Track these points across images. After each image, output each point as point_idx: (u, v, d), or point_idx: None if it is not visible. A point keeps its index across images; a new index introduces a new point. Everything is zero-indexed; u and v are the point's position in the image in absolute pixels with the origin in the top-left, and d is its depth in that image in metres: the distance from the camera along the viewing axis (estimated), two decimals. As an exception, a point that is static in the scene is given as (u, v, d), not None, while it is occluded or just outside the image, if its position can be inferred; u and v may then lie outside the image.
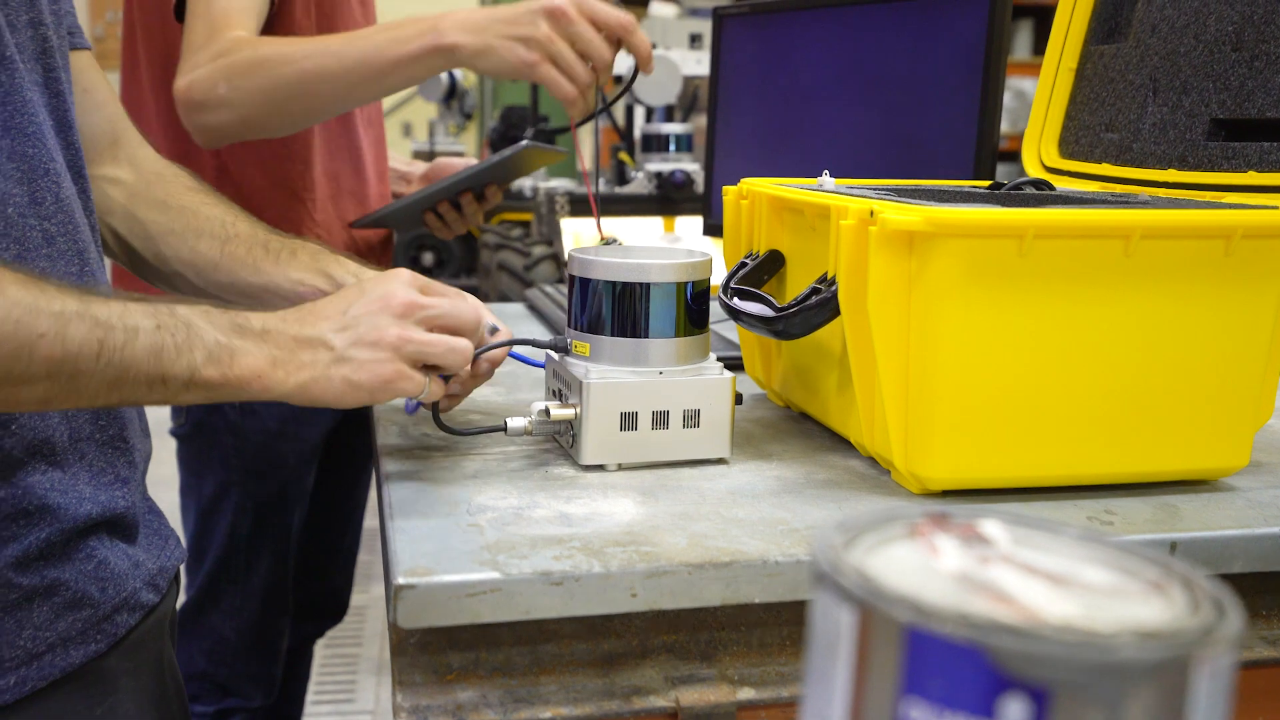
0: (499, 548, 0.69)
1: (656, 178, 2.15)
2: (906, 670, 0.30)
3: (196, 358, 0.69)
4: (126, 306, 0.67)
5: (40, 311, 0.63)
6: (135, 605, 0.80)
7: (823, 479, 0.83)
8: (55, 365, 0.64)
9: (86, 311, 0.65)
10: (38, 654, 0.73)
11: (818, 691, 0.34)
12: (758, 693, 0.71)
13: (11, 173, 0.73)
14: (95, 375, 0.65)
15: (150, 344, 0.67)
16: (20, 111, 0.74)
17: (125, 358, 0.66)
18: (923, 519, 0.37)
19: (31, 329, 0.62)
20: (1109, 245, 0.75)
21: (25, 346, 0.62)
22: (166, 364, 0.68)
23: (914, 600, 0.30)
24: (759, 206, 0.98)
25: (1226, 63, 0.93)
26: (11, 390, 0.64)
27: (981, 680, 0.29)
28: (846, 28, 1.39)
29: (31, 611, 0.73)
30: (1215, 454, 0.81)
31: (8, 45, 0.74)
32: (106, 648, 0.77)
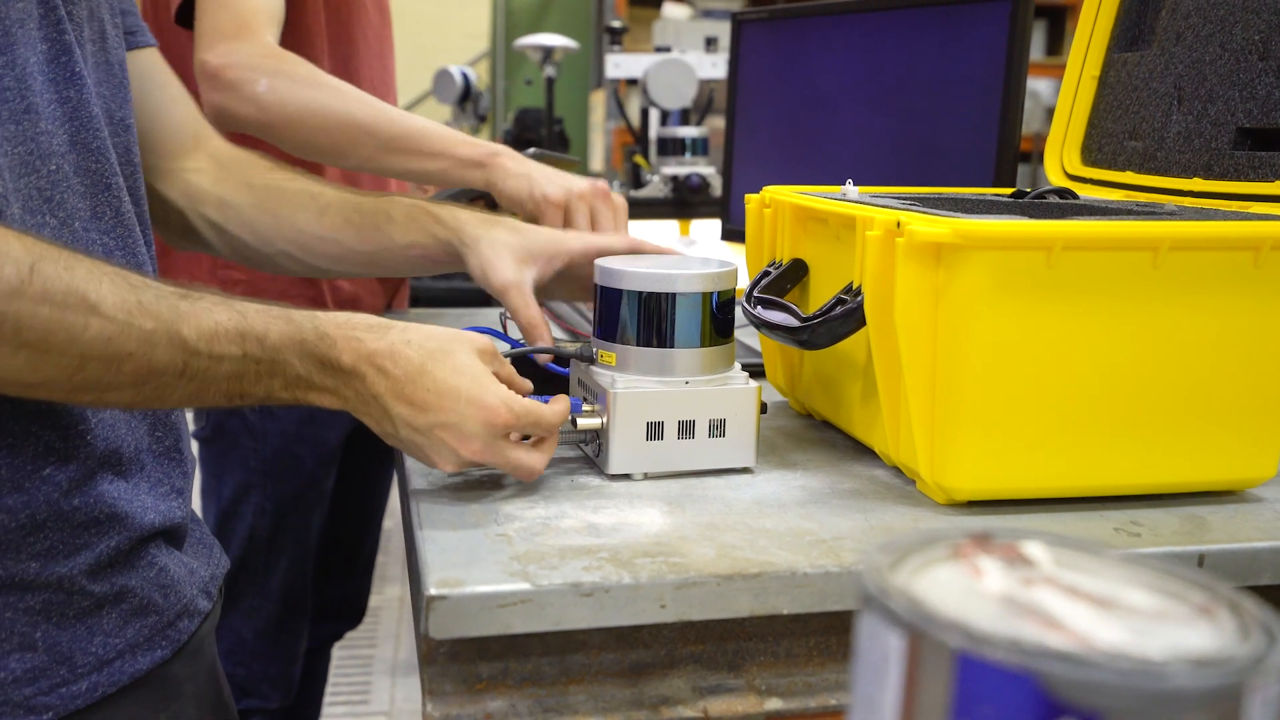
0: (528, 558, 0.69)
1: (672, 181, 2.15)
2: (957, 695, 0.31)
3: (275, 384, 0.72)
4: (217, 330, 0.69)
5: (131, 330, 0.65)
6: (194, 612, 0.81)
7: (848, 489, 0.83)
8: (140, 379, 0.67)
9: (176, 334, 0.67)
10: (108, 660, 0.74)
11: (865, 714, 0.34)
12: (785, 703, 0.71)
13: (77, 187, 0.74)
14: (178, 389, 0.69)
15: (232, 370, 0.70)
16: (86, 127, 0.75)
17: (207, 379, 0.69)
18: (965, 540, 0.37)
19: (121, 348, 0.65)
20: (1137, 257, 0.75)
21: (114, 362, 0.65)
22: (246, 387, 0.71)
23: (965, 625, 0.31)
24: (782, 215, 0.98)
25: (1253, 72, 0.93)
26: (99, 394, 0.67)
27: (1033, 706, 0.29)
28: (866, 34, 1.39)
29: (102, 618, 0.74)
30: (1242, 465, 0.81)
31: (77, 60, 0.75)
32: (171, 654, 0.78)
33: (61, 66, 0.76)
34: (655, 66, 2.27)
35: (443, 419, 0.74)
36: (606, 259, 0.87)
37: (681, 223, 2.17)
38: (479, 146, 1.17)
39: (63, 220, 0.74)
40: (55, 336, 0.62)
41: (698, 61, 2.32)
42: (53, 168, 0.74)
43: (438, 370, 0.74)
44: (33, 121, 0.72)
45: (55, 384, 0.65)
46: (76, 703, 0.72)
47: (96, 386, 0.66)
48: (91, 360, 0.64)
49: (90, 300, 0.63)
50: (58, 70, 0.75)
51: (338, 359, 0.73)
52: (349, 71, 1.38)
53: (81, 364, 0.64)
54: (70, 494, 0.73)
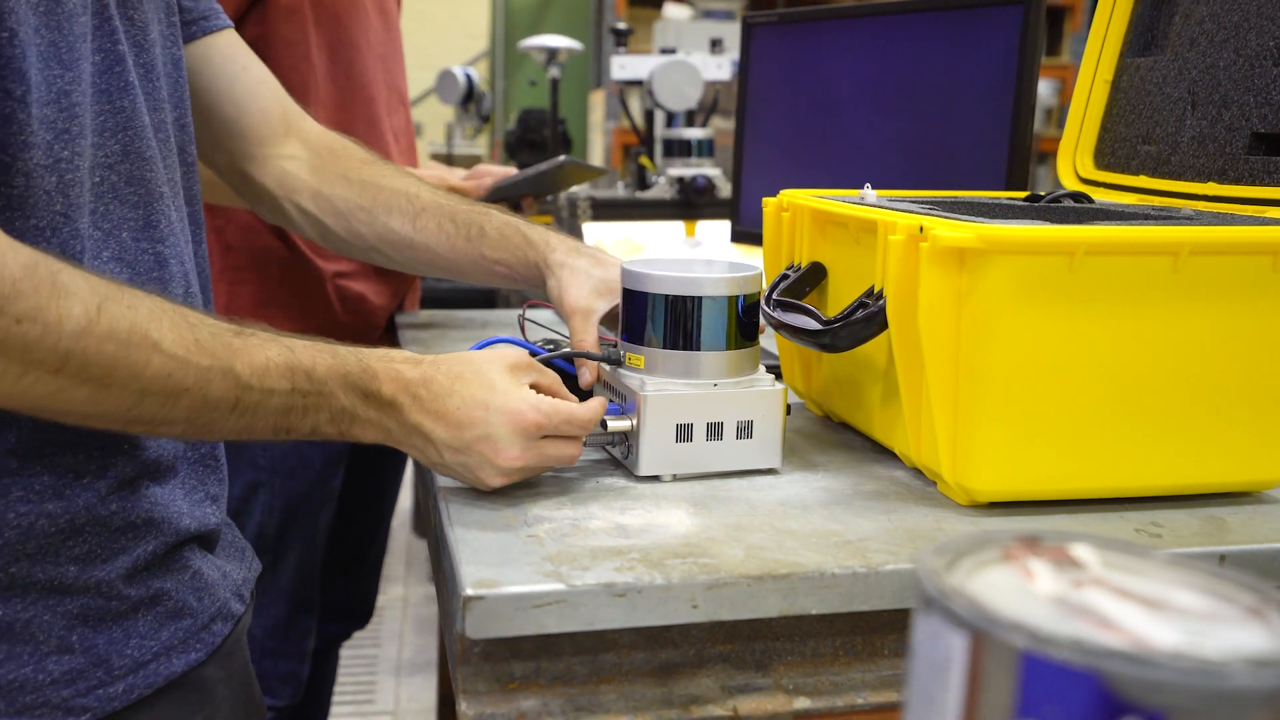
0: (560, 559, 0.70)
1: (679, 183, 2.16)
2: (1021, 694, 0.31)
3: (321, 418, 0.74)
4: (268, 366, 0.71)
5: (189, 367, 0.67)
6: (228, 615, 0.82)
7: (870, 490, 0.84)
8: (195, 413, 0.69)
9: (230, 370, 0.69)
10: (144, 662, 0.75)
11: (924, 712, 0.35)
12: (813, 702, 0.72)
13: (129, 198, 0.75)
14: (228, 424, 0.71)
15: (281, 405, 0.72)
16: (140, 136, 0.76)
17: (257, 413, 0.71)
18: (1015, 543, 0.38)
19: (179, 384, 0.67)
20: (1158, 261, 0.76)
21: (171, 397, 0.67)
22: (293, 421, 0.73)
23: (1029, 626, 0.31)
24: (800, 219, 0.99)
25: (1268, 77, 0.94)
26: (154, 426, 0.69)
27: (1097, 705, 0.30)
28: (876, 38, 1.40)
29: (137, 621, 0.75)
30: (1260, 467, 0.82)
31: (129, 70, 0.75)
32: (205, 656, 0.79)
33: (116, 77, 0.76)
34: (660, 68, 2.28)
35: (477, 432, 0.76)
36: (632, 262, 0.88)
37: (687, 224, 2.18)
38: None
39: (107, 232, 0.75)
40: (118, 373, 0.64)
41: (702, 63, 2.32)
42: (97, 180, 0.74)
43: (466, 389, 0.77)
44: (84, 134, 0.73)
45: (114, 416, 0.67)
46: (113, 704, 0.73)
47: (153, 420, 0.68)
48: (150, 395, 0.66)
49: (152, 338, 0.65)
50: (111, 81, 0.76)
51: (379, 390, 0.75)
52: (350, 79, 1.38)
53: (140, 399, 0.66)
54: (108, 500, 0.74)
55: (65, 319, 0.61)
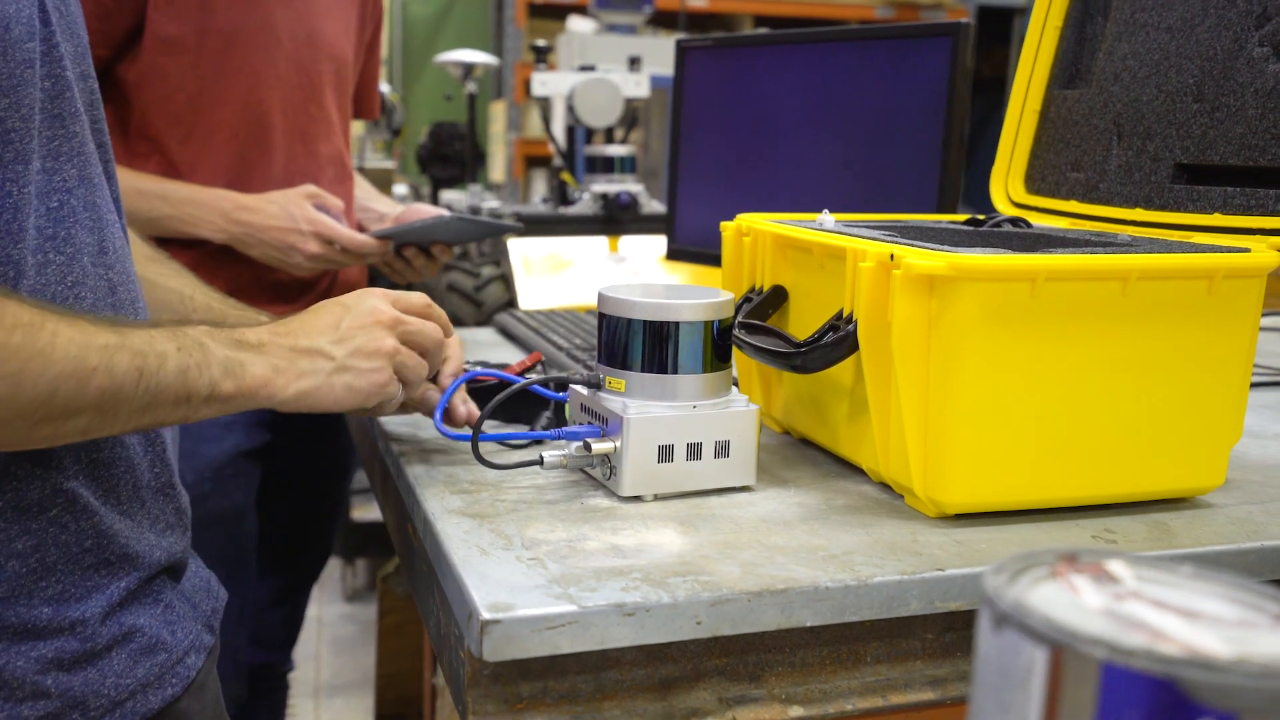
0: (566, 581, 0.72)
1: (602, 198, 2.19)
2: (1101, 701, 0.35)
3: (215, 373, 0.74)
4: (152, 334, 0.71)
5: (90, 347, 0.66)
6: (200, 647, 0.81)
7: (842, 505, 0.88)
8: (104, 397, 0.67)
9: (125, 343, 0.69)
10: (120, 701, 0.74)
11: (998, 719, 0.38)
12: (805, 710, 0.75)
13: (86, 221, 0.74)
14: (134, 402, 0.69)
15: (177, 366, 0.72)
16: (89, 161, 0.76)
17: (159, 382, 0.70)
18: (1058, 560, 0.42)
19: (86, 363, 0.66)
20: (1109, 286, 0.82)
21: (82, 382, 0.66)
22: (191, 382, 0.73)
23: (1108, 640, 0.35)
24: (762, 243, 1.03)
25: (1189, 112, 1.01)
26: (59, 425, 0.67)
27: (1174, 709, 0.34)
28: (811, 64, 1.45)
29: (113, 659, 0.74)
30: (1198, 474, 0.89)
31: (75, 98, 0.75)
32: (180, 691, 0.78)
33: (66, 103, 0.76)
34: (581, 85, 2.31)
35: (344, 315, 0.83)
36: (610, 288, 0.90)
37: (611, 239, 2.21)
38: None
39: (70, 256, 0.74)
40: (31, 364, 0.63)
41: (623, 81, 2.36)
42: (55, 204, 0.74)
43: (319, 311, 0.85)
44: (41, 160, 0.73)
45: (24, 416, 0.64)
46: None
47: (63, 411, 0.66)
48: (63, 380, 0.65)
49: (50, 326, 0.65)
50: (62, 106, 0.75)
51: (244, 337, 0.78)
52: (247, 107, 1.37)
53: (53, 387, 0.64)
54: (81, 536, 0.73)
55: None
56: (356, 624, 2.93)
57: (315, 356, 0.80)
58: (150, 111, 1.32)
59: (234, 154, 1.37)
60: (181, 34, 1.30)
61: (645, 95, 2.43)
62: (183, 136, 1.34)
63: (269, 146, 1.39)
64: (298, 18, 1.39)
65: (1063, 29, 1.18)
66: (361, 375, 0.82)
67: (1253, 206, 0.94)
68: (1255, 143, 0.95)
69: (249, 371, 0.76)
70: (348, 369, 0.81)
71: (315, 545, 1.65)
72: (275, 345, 0.79)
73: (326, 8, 1.43)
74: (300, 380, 0.79)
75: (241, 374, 0.76)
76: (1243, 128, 0.96)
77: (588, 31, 4.17)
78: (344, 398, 0.81)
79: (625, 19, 4.21)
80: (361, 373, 0.82)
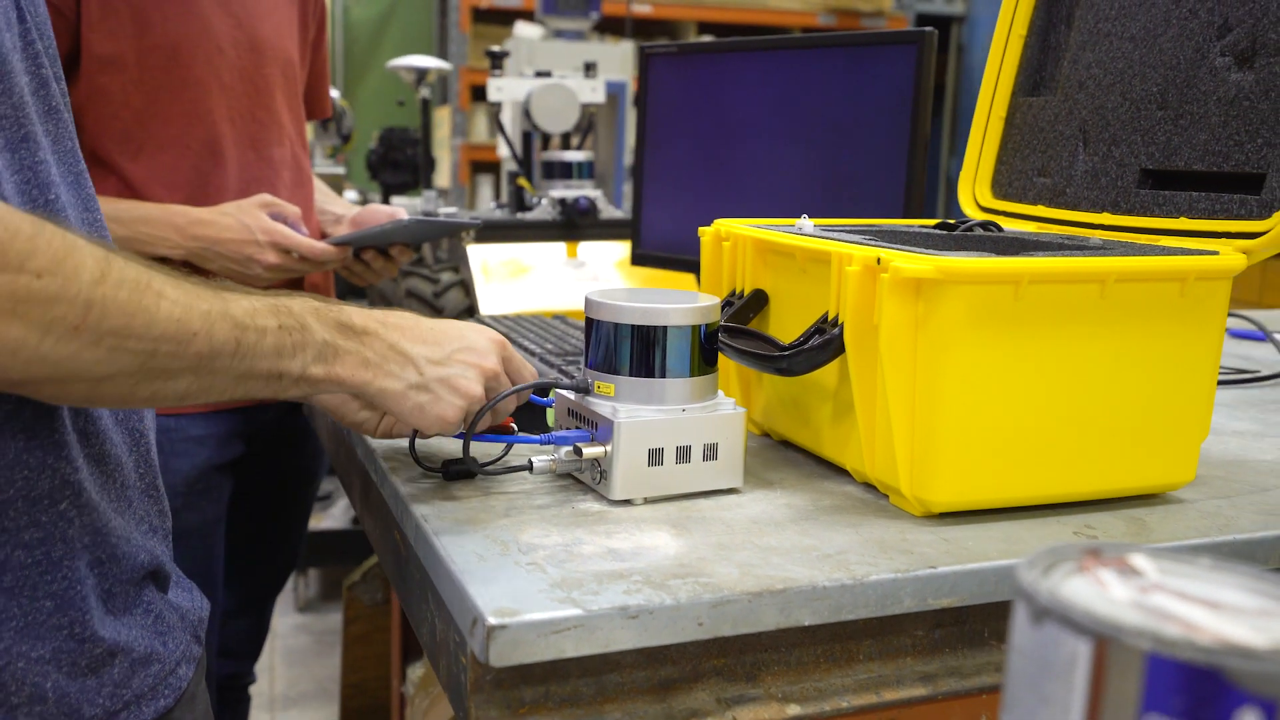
0: (569, 585, 0.72)
1: (560, 204, 2.19)
2: (1146, 691, 0.36)
3: (308, 356, 0.75)
4: (255, 306, 0.72)
5: (194, 310, 0.67)
6: (190, 657, 0.81)
7: (829, 505, 0.90)
8: (201, 361, 0.68)
9: (227, 311, 0.70)
10: (114, 712, 0.73)
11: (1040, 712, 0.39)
12: (803, 708, 0.76)
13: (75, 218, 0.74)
14: (230, 371, 0.70)
15: (274, 344, 0.73)
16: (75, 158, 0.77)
17: (255, 355, 0.71)
18: (1084, 555, 0.43)
19: (188, 328, 0.67)
20: (1088, 288, 0.84)
21: (183, 344, 0.67)
22: (285, 362, 0.74)
23: (1153, 631, 0.36)
24: (742, 248, 1.04)
25: (1153, 119, 1.04)
26: (162, 384, 0.68)
27: (1219, 697, 0.35)
28: (777, 70, 1.46)
29: (113, 668, 0.73)
30: (1171, 470, 0.91)
31: (55, 94, 0.75)
32: (173, 703, 0.77)
33: (43, 99, 0.76)
34: (538, 91, 2.31)
35: (459, 344, 0.83)
36: (597, 293, 0.90)
37: (569, 245, 2.21)
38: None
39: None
40: (135, 320, 0.64)
41: (579, 86, 2.36)
42: (51, 197, 0.74)
43: (432, 321, 0.84)
44: (31, 151, 0.73)
45: (126, 374, 0.65)
46: None
47: (163, 373, 0.67)
48: (164, 342, 0.65)
49: (156, 285, 0.66)
50: (40, 103, 0.75)
51: (351, 320, 0.79)
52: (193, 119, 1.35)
53: (155, 347, 0.65)
54: (83, 531, 0.73)
55: (81, 268, 0.61)
56: (310, 634, 2.89)
57: (407, 364, 0.81)
58: (98, 132, 1.30)
59: (188, 167, 1.35)
60: (119, 51, 1.28)
61: (601, 101, 2.43)
62: (133, 154, 1.32)
63: (221, 157, 1.38)
64: (238, 24, 1.38)
65: (1027, 37, 1.21)
66: (437, 403, 0.82)
67: (1217, 211, 0.97)
68: (1219, 149, 0.98)
69: (341, 360, 0.78)
70: (428, 390, 0.81)
71: (281, 554, 1.63)
72: (378, 338, 0.80)
73: (266, 10, 1.42)
74: (385, 379, 0.80)
75: (333, 361, 0.77)
76: (1206, 134, 0.99)
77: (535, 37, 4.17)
78: (411, 413, 0.82)
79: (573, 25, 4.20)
80: (438, 400, 0.82)
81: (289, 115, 1.47)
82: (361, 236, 1.40)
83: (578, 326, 1.48)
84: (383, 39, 5.97)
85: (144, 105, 1.31)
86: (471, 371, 0.83)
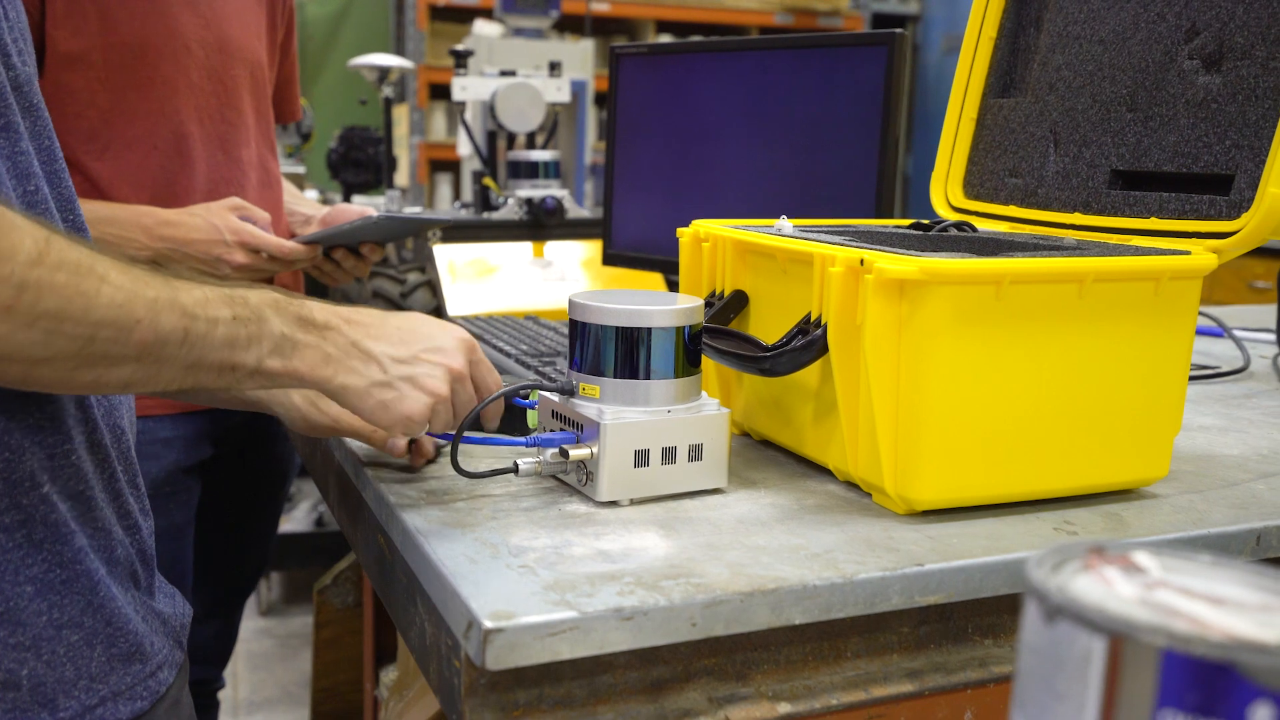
0: (562, 587, 0.72)
1: (527, 204, 2.19)
2: (1161, 687, 0.37)
3: (264, 348, 0.73)
4: (208, 296, 0.70)
5: (138, 297, 0.66)
6: (172, 663, 0.81)
7: (813, 504, 0.90)
8: (145, 349, 0.67)
9: (175, 300, 0.68)
10: (90, 707, 0.73)
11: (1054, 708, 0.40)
12: (794, 706, 0.77)
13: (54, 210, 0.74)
14: (177, 360, 0.69)
15: (226, 335, 0.71)
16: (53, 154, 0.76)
17: (205, 346, 0.70)
18: (1089, 553, 0.44)
19: (131, 314, 0.65)
20: (1067, 288, 0.86)
21: (124, 331, 0.65)
22: (238, 354, 0.72)
23: (1167, 628, 0.37)
24: (722, 248, 1.04)
25: (1123, 121, 1.06)
26: (103, 371, 0.66)
27: (1233, 692, 0.36)
28: (747, 71, 1.47)
29: (91, 660, 0.74)
30: (1146, 466, 0.93)
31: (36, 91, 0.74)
32: (149, 706, 0.77)
33: (24, 96, 0.75)
34: (503, 90, 2.30)
35: (424, 344, 0.81)
36: (582, 295, 0.90)
37: (535, 244, 2.21)
38: None
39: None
40: (73, 304, 0.62)
41: (544, 86, 2.36)
42: (31, 188, 0.74)
43: (398, 318, 0.82)
44: (13, 140, 0.73)
45: (64, 358, 0.64)
46: None
47: (104, 359, 0.65)
48: (104, 328, 0.64)
49: (99, 270, 0.64)
50: (22, 99, 0.75)
51: (312, 315, 0.77)
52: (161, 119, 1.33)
53: (94, 333, 0.64)
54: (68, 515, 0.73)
55: (18, 249, 0.60)
56: (273, 639, 2.87)
57: (370, 361, 0.79)
58: (63, 130, 1.28)
59: (155, 167, 1.34)
60: (84, 49, 1.26)
61: (567, 100, 2.43)
62: (99, 153, 1.30)
63: (189, 157, 1.36)
64: (205, 24, 1.36)
65: (996, 40, 1.22)
66: (402, 401, 0.79)
67: (1187, 211, 0.99)
68: (1188, 150, 1.00)
69: (299, 354, 0.75)
70: (391, 387, 0.79)
71: (251, 556, 1.61)
72: (339, 333, 0.78)
73: (235, 11, 1.41)
74: (347, 375, 0.78)
75: (291, 355, 0.75)
76: (1175, 136, 1.01)
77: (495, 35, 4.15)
78: (375, 411, 0.79)
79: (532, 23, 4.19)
80: (402, 398, 0.79)
81: (256, 117, 1.46)
82: (331, 235, 1.39)
83: (550, 327, 1.48)
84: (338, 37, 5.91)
85: (110, 104, 1.29)
86: (438, 370, 0.80)
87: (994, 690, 0.82)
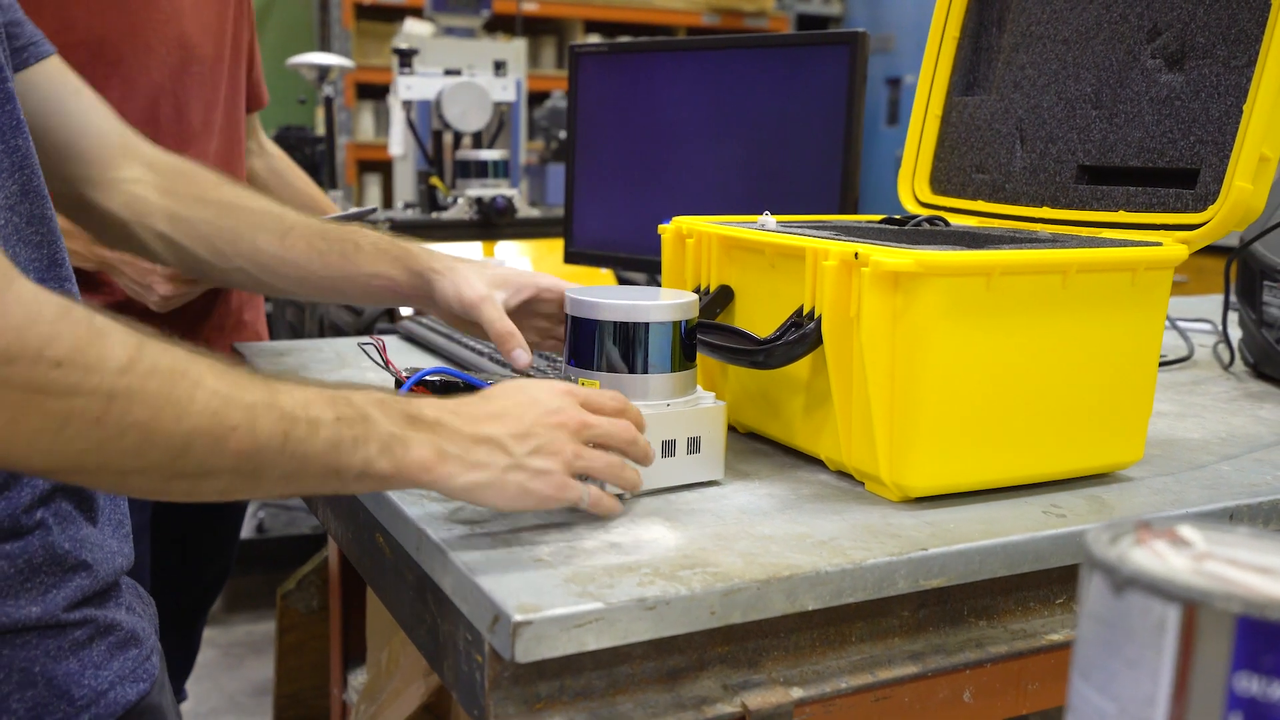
0: (582, 579, 0.73)
1: (477, 203, 2.18)
2: (1235, 651, 0.39)
3: (371, 450, 0.69)
4: (309, 396, 0.67)
5: (235, 403, 0.63)
6: (158, 651, 0.84)
7: (809, 494, 0.92)
8: (243, 459, 0.64)
9: (274, 402, 0.65)
10: (102, 692, 0.75)
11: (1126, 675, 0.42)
12: (805, 691, 0.78)
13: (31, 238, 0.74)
14: (277, 468, 0.65)
15: (329, 437, 0.67)
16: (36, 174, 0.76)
17: (306, 451, 0.66)
18: (1139, 529, 0.46)
19: (226, 421, 0.62)
20: (1051, 279, 0.89)
21: (220, 440, 0.62)
22: (343, 457, 0.68)
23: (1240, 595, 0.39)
24: (707, 244, 1.06)
25: (1088, 118, 1.10)
26: (195, 482, 0.63)
27: (1306, 652, 0.38)
28: (711, 70, 1.49)
29: (92, 651, 0.75)
30: (1124, 450, 0.96)
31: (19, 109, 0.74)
32: (149, 687, 0.79)
33: (8, 115, 0.74)
34: (449, 89, 2.29)
35: (538, 411, 0.75)
36: (578, 290, 0.91)
37: (486, 244, 2.20)
38: None
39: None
40: (164, 413, 0.60)
41: (489, 85, 2.35)
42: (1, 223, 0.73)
43: (501, 394, 0.78)
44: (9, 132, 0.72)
45: (156, 469, 0.62)
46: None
47: (198, 470, 0.63)
48: (198, 436, 0.62)
49: (193, 375, 0.62)
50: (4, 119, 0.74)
51: (420, 412, 0.72)
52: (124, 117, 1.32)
53: (187, 443, 0.61)
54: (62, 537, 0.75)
55: (108, 358, 0.59)
56: (216, 648, 2.81)
57: (493, 448, 0.73)
58: None
59: None
60: None
61: (513, 99, 2.43)
62: None
63: None
64: (165, 20, 1.34)
65: (960, 39, 1.26)
66: (537, 477, 0.74)
67: (1154, 204, 1.03)
68: (1153, 146, 1.03)
69: (411, 453, 0.70)
70: (523, 468, 0.74)
71: (214, 564, 1.58)
72: (452, 428, 0.73)
73: (194, 9, 1.38)
74: (473, 471, 0.72)
75: (402, 455, 0.70)
76: (1140, 133, 1.05)
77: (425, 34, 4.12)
78: (517, 497, 0.74)
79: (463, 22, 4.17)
80: (536, 474, 0.74)
81: (218, 112, 1.44)
82: None
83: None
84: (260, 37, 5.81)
85: None
86: (557, 432, 0.75)
87: (991, 670, 0.85)
